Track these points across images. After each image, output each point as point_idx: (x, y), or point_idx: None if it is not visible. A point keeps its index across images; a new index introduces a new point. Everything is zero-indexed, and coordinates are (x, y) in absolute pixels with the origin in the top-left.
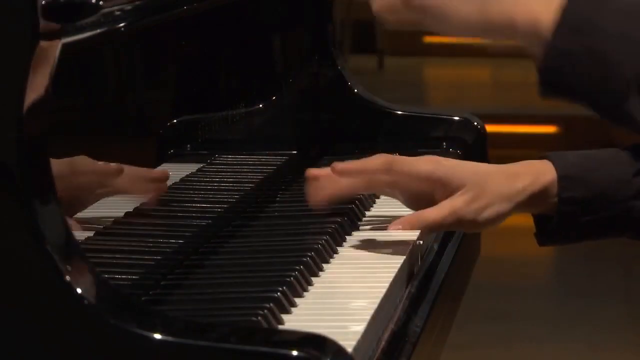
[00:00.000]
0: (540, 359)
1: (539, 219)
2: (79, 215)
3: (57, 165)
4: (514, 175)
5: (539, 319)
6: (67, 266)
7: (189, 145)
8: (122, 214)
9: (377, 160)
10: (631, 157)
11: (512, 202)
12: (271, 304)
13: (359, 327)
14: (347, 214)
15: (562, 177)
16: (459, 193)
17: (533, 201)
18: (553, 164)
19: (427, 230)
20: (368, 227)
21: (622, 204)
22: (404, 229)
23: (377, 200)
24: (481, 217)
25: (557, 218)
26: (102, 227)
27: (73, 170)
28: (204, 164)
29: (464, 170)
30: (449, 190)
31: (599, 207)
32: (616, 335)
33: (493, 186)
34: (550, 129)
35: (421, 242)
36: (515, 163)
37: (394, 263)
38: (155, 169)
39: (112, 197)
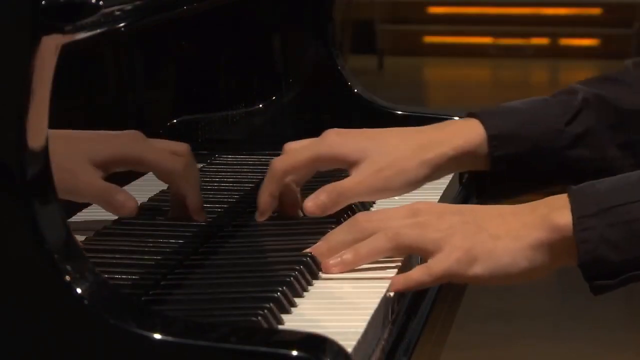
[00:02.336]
0: (540, 358)
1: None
2: (79, 215)
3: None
4: (436, 141)
5: (540, 318)
6: (67, 266)
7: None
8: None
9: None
10: (562, 105)
11: (431, 167)
12: (271, 304)
13: (359, 327)
14: (348, 214)
15: (492, 137)
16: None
17: (463, 161)
18: (482, 123)
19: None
20: None
21: (557, 155)
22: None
23: (372, 208)
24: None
25: (491, 177)
26: (102, 227)
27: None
28: (204, 164)
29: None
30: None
31: (533, 161)
32: (617, 334)
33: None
34: None
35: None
36: (439, 124)
37: (394, 263)
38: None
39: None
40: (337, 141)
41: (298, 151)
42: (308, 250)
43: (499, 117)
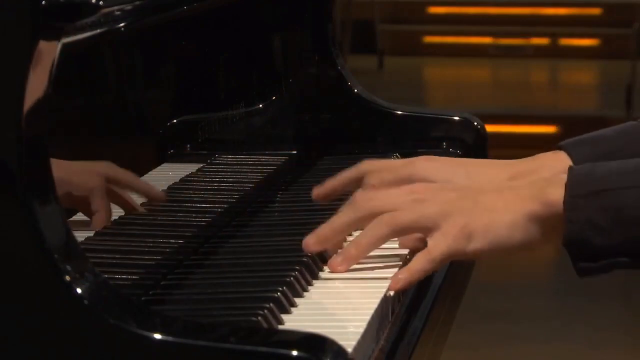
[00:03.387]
0: (540, 358)
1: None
2: (79, 215)
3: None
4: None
5: (539, 319)
6: (67, 266)
7: (189, 145)
8: (122, 214)
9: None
10: None
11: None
12: (271, 304)
13: (359, 327)
14: None
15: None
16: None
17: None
18: (568, 154)
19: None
20: None
21: None
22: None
23: None
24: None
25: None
26: (102, 227)
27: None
28: (204, 164)
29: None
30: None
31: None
32: (616, 335)
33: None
34: (550, 129)
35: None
36: (527, 158)
37: (394, 263)
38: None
39: None
40: (427, 166)
41: (389, 170)
42: (312, 234)
43: (585, 146)
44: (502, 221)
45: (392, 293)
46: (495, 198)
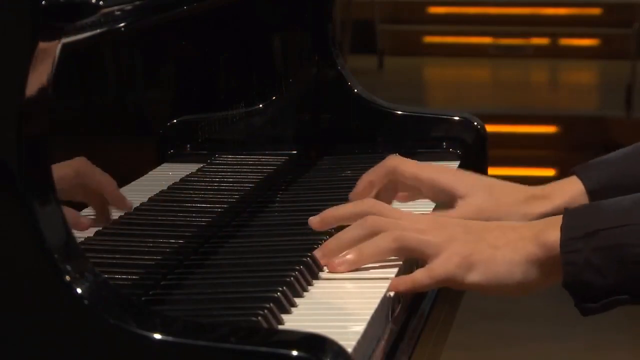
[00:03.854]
0: (540, 359)
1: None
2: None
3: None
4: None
5: (539, 319)
6: (67, 266)
7: (189, 145)
8: (122, 214)
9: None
10: None
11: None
12: (271, 304)
13: (359, 327)
14: None
15: (591, 192)
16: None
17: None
18: (580, 179)
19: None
20: None
21: None
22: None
23: None
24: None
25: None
26: (102, 227)
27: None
28: (204, 164)
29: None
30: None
31: None
32: (616, 335)
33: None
34: (550, 129)
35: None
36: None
37: (394, 263)
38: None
39: None
40: (449, 173)
41: (410, 163)
42: (319, 248)
43: (595, 170)
44: (504, 259)
45: (392, 294)
46: (498, 235)
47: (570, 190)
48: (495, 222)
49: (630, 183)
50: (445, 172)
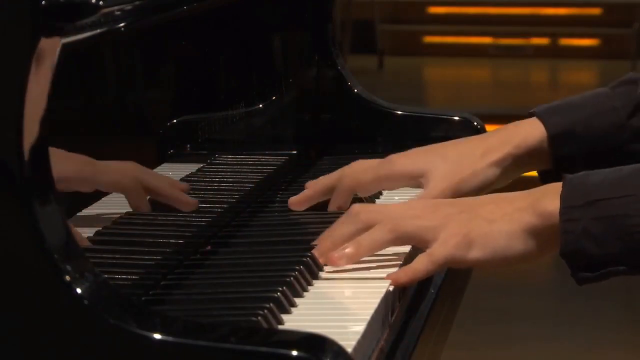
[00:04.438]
0: (540, 359)
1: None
2: (80, 215)
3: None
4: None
5: (539, 319)
6: (67, 266)
7: (189, 145)
8: (122, 214)
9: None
10: (622, 97)
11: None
12: (271, 304)
13: (359, 327)
14: None
15: (552, 136)
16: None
17: (527, 161)
18: (542, 122)
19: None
20: None
21: (620, 150)
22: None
23: (377, 200)
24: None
25: (554, 175)
26: (102, 227)
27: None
28: (204, 164)
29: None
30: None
31: (596, 158)
32: (616, 335)
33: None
34: None
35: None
36: (499, 128)
37: (395, 263)
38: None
39: (111, 196)
40: (404, 162)
41: (364, 171)
42: (314, 250)
43: (559, 115)
44: (501, 231)
45: (392, 288)
46: (492, 209)
47: (531, 133)
48: (488, 196)
49: (594, 130)
50: (397, 160)
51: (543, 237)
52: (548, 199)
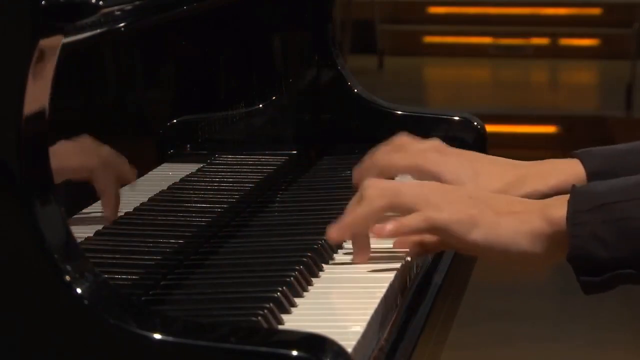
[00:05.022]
0: (540, 359)
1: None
2: (80, 215)
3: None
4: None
5: (539, 319)
6: (67, 266)
7: (189, 145)
8: (122, 214)
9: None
10: None
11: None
12: (271, 304)
13: (359, 327)
14: None
15: (591, 174)
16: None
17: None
18: (582, 162)
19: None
20: None
21: None
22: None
23: None
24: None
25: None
26: (102, 227)
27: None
28: (204, 164)
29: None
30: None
31: None
32: (616, 335)
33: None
34: (550, 129)
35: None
36: (538, 162)
37: (395, 262)
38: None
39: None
40: (437, 159)
41: (401, 157)
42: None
43: (598, 158)
44: (508, 226)
45: (392, 282)
46: (504, 205)
47: (569, 171)
48: (500, 194)
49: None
50: (429, 156)
51: (550, 243)
52: (557, 207)
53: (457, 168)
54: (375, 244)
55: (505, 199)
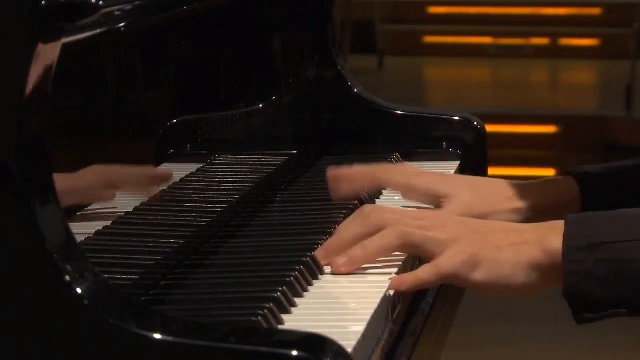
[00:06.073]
0: (540, 359)
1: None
2: (80, 215)
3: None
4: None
5: (539, 319)
6: (67, 266)
7: (189, 145)
8: (122, 214)
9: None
10: None
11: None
12: (271, 304)
13: (359, 327)
14: (348, 214)
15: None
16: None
17: (553, 214)
18: (577, 182)
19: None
20: None
21: None
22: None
23: (377, 200)
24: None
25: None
26: (102, 227)
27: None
28: (204, 164)
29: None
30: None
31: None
32: (616, 336)
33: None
34: (550, 129)
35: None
36: (535, 181)
37: (395, 262)
38: (159, 169)
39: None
40: (431, 178)
41: (400, 171)
42: (321, 248)
43: (595, 178)
44: (507, 261)
45: (392, 292)
46: (502, 237)
47: (562, 191)
48: (498, 223)
49: (624, 195)
50: (429, 176)
51: (546, 273)
52: (554, 235)
53: (454, 185)
54: None
55: (502, 229)
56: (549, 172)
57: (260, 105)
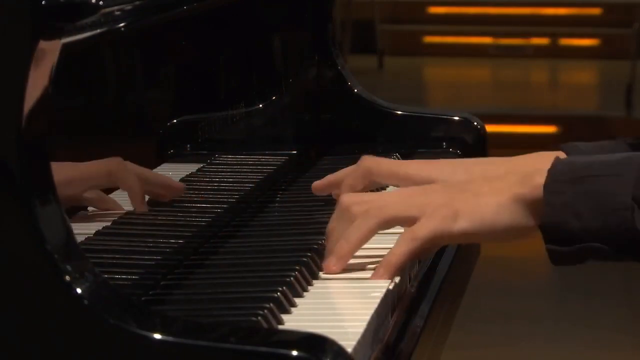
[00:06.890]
0: (540, 359)
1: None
2: (80, 215)
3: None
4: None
5: (539, 319)
6: (67, 266)
7: (189, 145)
8: (122, 214)
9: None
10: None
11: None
12: (271, 304)
13: (359, 327)
14: None
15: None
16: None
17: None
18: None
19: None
20: None
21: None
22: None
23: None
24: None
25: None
26: (102, 227)
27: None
28: (204, 164)
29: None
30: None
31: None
32: (616, 336)
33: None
34: (550, 129)
35: None
36: (518, 157)
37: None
38: (177, 183)
39: (112, 196)
40: (418, 165)
41: (384, 162)
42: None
43: (585, 151)
44: (489, 203)
45: (391, 286)
46: (482, 184)
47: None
48: (480, 176)
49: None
50: (421, 164)
51: (531, 209)
52: (539, 174)
53: (442, 170)
54: (375, 244)
55: (484, 178)
56: None
57: (260, 105)
